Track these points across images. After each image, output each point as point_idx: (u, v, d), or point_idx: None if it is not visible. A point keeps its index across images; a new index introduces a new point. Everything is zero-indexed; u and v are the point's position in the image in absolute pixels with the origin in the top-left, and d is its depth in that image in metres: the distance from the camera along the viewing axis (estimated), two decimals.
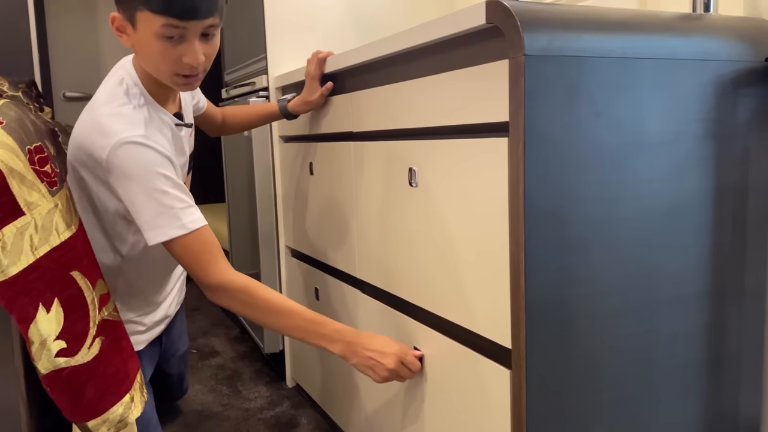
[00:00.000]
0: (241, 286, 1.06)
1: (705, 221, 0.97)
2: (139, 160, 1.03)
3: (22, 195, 0.95)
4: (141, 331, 1.26)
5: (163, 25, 1.00)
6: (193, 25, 1.02)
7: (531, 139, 0.83)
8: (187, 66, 1.05)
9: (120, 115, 1.06)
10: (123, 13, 1.04)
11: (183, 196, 1.06)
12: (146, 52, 1.05)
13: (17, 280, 0.93)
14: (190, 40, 1.03)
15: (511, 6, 0.83)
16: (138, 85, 1.13)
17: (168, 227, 1.03)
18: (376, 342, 1.07)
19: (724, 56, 0.96)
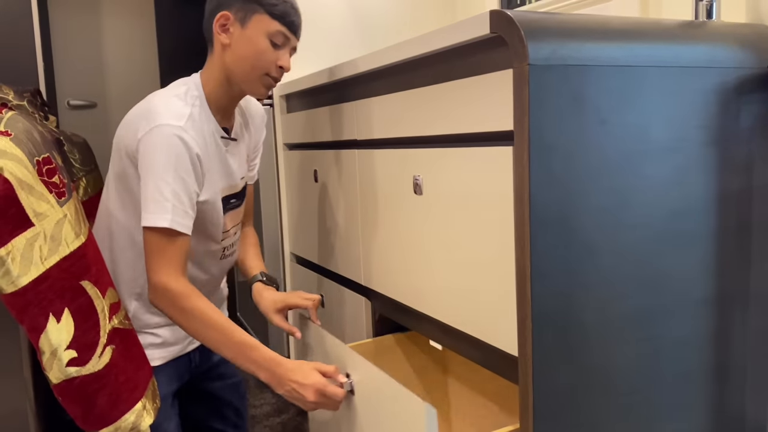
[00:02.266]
0: (180, 292, 1.07)
1: (710, 227, 0.97)
2: (163, 149, 1.08)
3: (31, 206, 0.96)
4: (157, 344, 1.24)
5: (277, 30, 1.17)
6: (293, 39, 1.21)
7: (536, 148, 0.83)
8: (278, 69, 1.20)
9: (169, 105, 1.13)
10: (237, 13, 1.17)
11: (183, 195, 1.09)
12: (248, 49, 1.17)
13: (27, 291, 0.94)
14: (286, 51, 1.20)
15: (514, 16, 0.84)
16: (199, 91, 1.20)
17: (154, 215, 1.07)
18: (297, 373, 1.04)
19: (728, 63, 0.96)
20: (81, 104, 3.51)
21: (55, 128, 2.95)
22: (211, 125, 1.20)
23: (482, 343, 1.00)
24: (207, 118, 1.19)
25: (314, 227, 1.66)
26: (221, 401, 1.42)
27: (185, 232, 1.09)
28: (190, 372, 1.33)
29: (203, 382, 1.39)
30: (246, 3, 1.16)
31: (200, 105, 1.18)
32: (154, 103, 1.13)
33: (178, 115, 1.11)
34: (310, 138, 1.63)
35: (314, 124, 1.59)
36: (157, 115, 1.10)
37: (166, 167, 1.07)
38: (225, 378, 1.42)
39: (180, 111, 1.12)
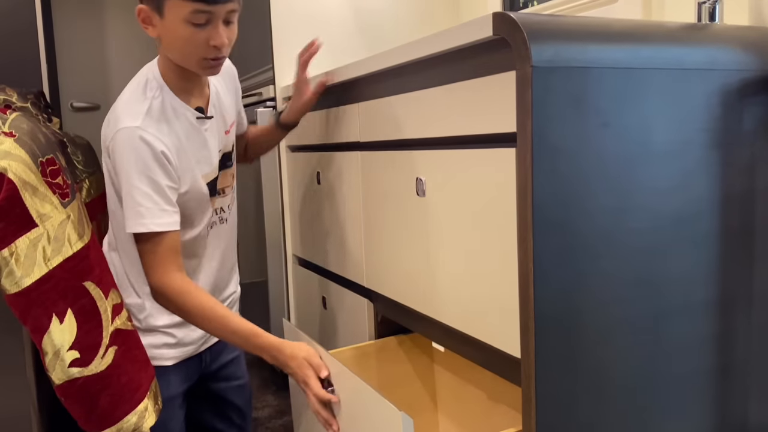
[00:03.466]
0: (177, 290, 1.11)
1: (713, 229, 0.97)
2: (127, 152, 1.10)
3: (35, 207, 0.97)
4: (171, 344, 1.25)
5: (192, 11, 1.06)
6: (218, 8, 1.08)
7: (538, 150, 0.83)
8: (213, 49, 1.11)
9: (128, 106, 1.13)
10: (150, 3, 1.10)
11: (156, 196, 1.11)
12: (174, 39, 1.11)
13: (31, 291, 0.94)
14: (215, 24, 1.10)
15: (517, 18, 0.84)
16: (157, 80, 1.18)
17: (132, 221, 1.10)
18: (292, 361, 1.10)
19: (730, 65, 0.96)
20: (84, 106, 3.52)
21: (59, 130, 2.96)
22: (181, 110, 1.19)
23: (484, 344, 1.00)
24: (173, 105, 1.18)
25: (317, 229, 1.66)
26: (226, 402, 1.42)
27: (166, 230, 1.11)
28: (199, 372, 1.34)
29: (210, 381, 1.39)
30: None
31: (162, 94, 1.17)
32: (117, 103, 1.15)
33: (135, 114, 1.12)
34: (313, 140, 1.63)
35: (317, 126, 1.60)
36: (117, 118, 1.12)
37: (133, 171, 1.09)
38: (232, 379, 1.42)
39: (137, 109, 1.13)
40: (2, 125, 1.00)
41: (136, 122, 1.11)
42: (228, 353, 1.41)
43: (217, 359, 1.37)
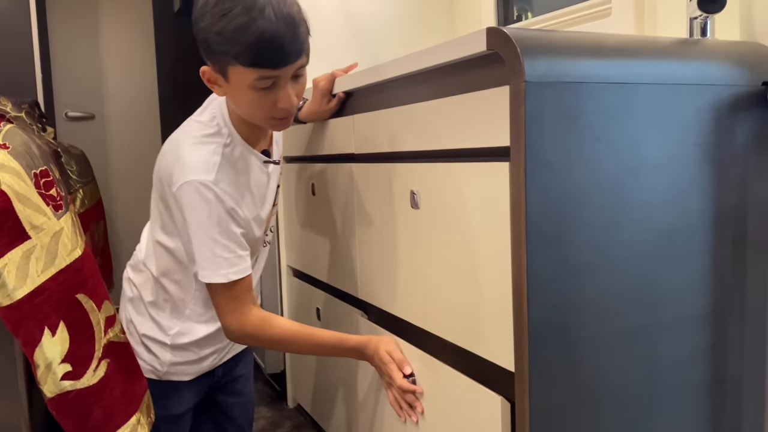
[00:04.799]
0: (254, 327, 1.15)
1: (705, 242, 0.98)
2: (201, 205, 1.08)
3: (28, 219, 0.96)
4: (193, 360, 1.25)
5: (257, 78, 1.03)
6: (284, 71, 1.04)
7: (532, 164, 0.84)
8: (282, 110, 1.09)
9: (200, 154, 1.10)
10: (213, 66, 1.07)
11: (232, 245, 1.11)
12: (240, 101, 1.09)
13: (23, 304, 0.94)
14: (283, 86, 1.06)
15: (511, 33, 0.85)
16: (228, 126, 1.16)
17: (210, 272, 1.11)
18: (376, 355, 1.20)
19: (722, 81, 0.97)
20: (79, 116, 3.52)
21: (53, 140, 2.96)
22: (250, 157, 1.19)
23: (478, 357, 1.00)
24: (243, 153, 1.17)
25: (311, 240, 1.66)
26: (227, 417, 1.42)
27: (244, 276, 1.13)
28: (210, 386, 1.34)
29: (217, 393, 1.39)
30: (217, 56, 1.04)
31: (233, 141, 1.16)
32: (186, 150, 1.11)
33: (209, 167, 1.09)
34: (308, 151, 1.63)
35: (311, 138, 1.60)
36: (189, 167, 1.09)
37: (208, 224, 1.09)
38: (239, 395, 1.43)
39: (210, 161, 1.10)
40: None
41: (209, 176, 1.09)
42: (240, 368, 1.41)
43: (229, 373, 1.38)
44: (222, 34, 1.00)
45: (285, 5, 1.02)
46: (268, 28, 0.99)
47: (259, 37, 0.99)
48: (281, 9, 1.01)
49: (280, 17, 1.00)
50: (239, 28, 0.99)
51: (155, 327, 1.22)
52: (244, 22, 0.98)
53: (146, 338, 1.22)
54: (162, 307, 1.23)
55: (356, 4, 1.97)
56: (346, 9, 1.95)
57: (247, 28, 0.99)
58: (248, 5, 0.99)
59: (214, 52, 1.03)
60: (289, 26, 1.01)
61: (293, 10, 1.04)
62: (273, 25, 0.99)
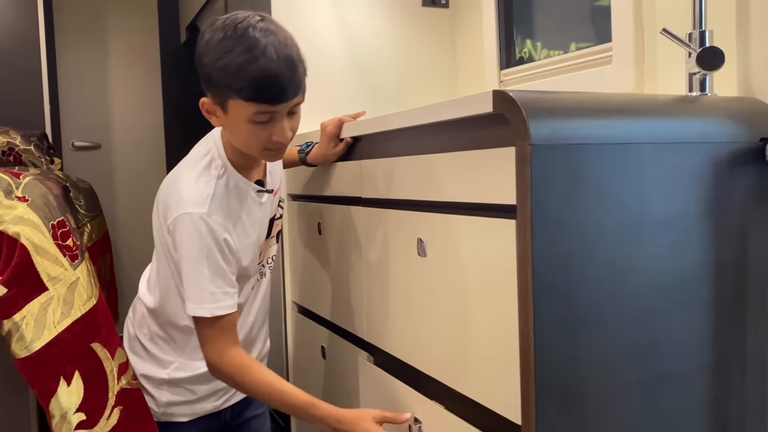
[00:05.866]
0: (235, 366, 1.15)
1: (707, 295, 1.00)
2: (193, 238, 1.12)
3: (46, 270, 0.99)
4: (190, 401, 1.27)
5: (255, 112, 1.08)
6: (282, 107, 1.10)
7: (538, 223, 0.86)
8: (276, 142, 1.13)
9: (195, 187, 1.15)
10: (213, 98, 1.12)
11: (219, 281, 1.14)
12: (237, 132, 1.14)
13: (40, 355, 0.96)
14: (279, 120, 1.11)
15: (516, 97, 0.88)
16: (222, 157, 1.20)
17: (196, 305, 1.13)
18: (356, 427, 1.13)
19: (721, 138, 1.00)
20: (85, 145, 3.56)
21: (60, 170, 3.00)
22: (243, 187, 1.22)
23: (484, 408, 1.01)
24: (237, 183, 1.21)
25: (317, 278, 1.68)
26: None
27: (229, 312, 1.14)
28: (218, 429, 1.36)
29: None
30: (218, 89, 1.09)
31: (226, 173, 1.20)
32: (181, 183, 1.16)
33: (202, 199, 1.14)
34: (315, 191, 1.66)
35: (318, 178, 1.63)
36: (183, 201, 1.13)
37: (198, 257, 1.12)
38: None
39: (203, 193, 1.14)
40: (16, 190, 1.03)
41: (202, 209, 1.13)
42: (253, 410, 1.42)
43: (239, 416, 1.39)
44: (225, 69, 1.05)
45: (286, 46, 1.08)
46: (270, 67, 1.05)
47: (260, 74, 1.05)
48: (282, 49, 1.07)
49: (281, 57, 1.06)
50: (242, 64, 1.04)
51: (154, 364, 1.25)
52: (247, 59, 1.04)
53: (144, 378, 1.24)
54: (163, 341, 1.26)
55: (360, 45, 2.01)
56: (351, 50, 2.00)
57: (249, 65, 1.04)
58: (251, 44, 1.05)
59: (216, 85, 1.08)
60: (288, 66, 1.07)
61: (293, 51, 1.10)
62: (274, 64, 1.05)
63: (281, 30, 1.10)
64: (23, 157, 2.59)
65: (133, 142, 3.69)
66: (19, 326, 0.94)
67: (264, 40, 1.05)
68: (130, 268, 3.59)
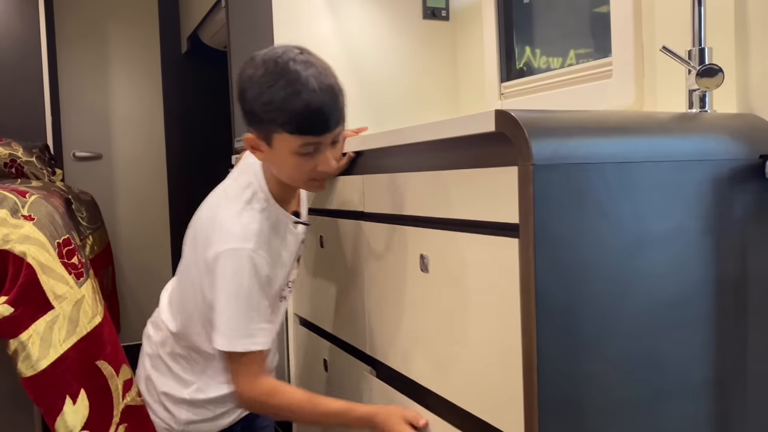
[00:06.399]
0: (264, 394, 1.16)
1: (708, 311, 1.01)
2: (237, 274, 1.12)
3: (52, 289, 1.00)
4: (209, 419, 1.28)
5: (301, 144, 1.10)
6: (326, 137, 1.12)
7: (540, 241, 0.87)
8: (321, 172, 1.16)
9: (239, 221, 1.15)
10: (258, 133, 1.14)
11: (257, 317, 1.15)
12: (282, 165, 1.16)
13: (46, 374, 0.97)
14: (323, 151, 1.14)
15: (518, 117, 0.89)
16: (264, 191, 1.21)
17: (229, 341, 1.13)
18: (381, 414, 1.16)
19: (721, 155, 1.01)
20: (86, 155, 3.57)
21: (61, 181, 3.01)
22: (283, 219, 1.24)
23: (487, 424, 1.02)
24: (278, 216, 1.23)
25: (319, 291, 1.69)
26: None
27: (262, 348, 1.16)
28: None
29: None
30: (264, 124, 1.11)
31: (268, 206, 1.21)
32: (224, 216, 1.16)
33: (248, 234, 1.14)
34: (317, 204, 1.67)
35: (321, 192, 1.63)
36: (228, 235, 1.14)
37: (238, 293, 1.12)
38: None
39: (248, 228, 1.15)
40: (22, 208, 1.04)
41: (248, 244, 1.13)
42: (261, 420, 1.44)
43: (248, 428, 1.40)
44: (269, 104, 1.07)
45: (326, 77, 1.10)
46: (313, 99, 1.07)
47: (305, 107, 1.07)
48: (323, 80, 1.09)
49: (323, 88, 1.08)
50: (286, 98, 1.06)
51: (175, 383, 1.25)
52: (290, 93, 1.06)
53: (164, 396, 1.24)
54: (186, 361, 1.26)
55: (362, 58, 2.02)
56: (353, 63, 2.01)
57: (293, 98, 1.06)
58: (293, 78, 1.06)
59: (261, 121, 1.10)
60: (331, 96, 1.10)
61: (333, 81, 1.12)
62: (317, 96, 1.07)
63: (320, 61, 1.12)
64: (25, 168, 2.60)
65: (134, 152, 3.70)
66: (25, 345, 0.95)
67: (305, 73, 1.07)
68: (130, 278, 3.59)
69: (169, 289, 1.33)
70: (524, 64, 1.92)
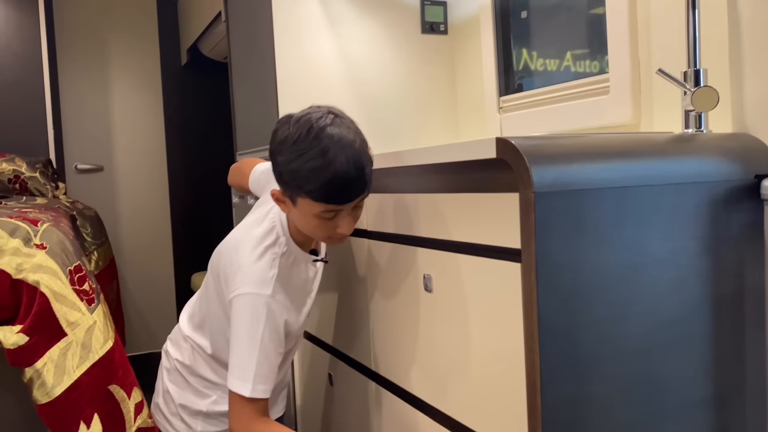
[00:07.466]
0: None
1: (706, 329, 1.03)
2: (252, 319, 1.17)
3: (65, 316, 1.02)
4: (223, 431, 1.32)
5: (323, 210, 1.14)
6: (348, 206, 1.16)
7: (542, 267, 0.89)
8: (340, 234, 1.20)
9: (260, 266, 1.20)
10: (285, 192, 1.18)
11: (267, 366, 1.18)
12: (304, 223, 1.20)
13: (60, 400, 0.99)
14: (345, 216, 1.17)
15: (518, 145, 0.91)
16: (286, 235, 1.26)
17: (239, 382, 1.17)
18: None
19: (717, 176, 1.03)
20: (88, 168, 3.59)
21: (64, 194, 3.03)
22: (301, 259, 1.29)
23: None
24: (296, 257, 1.28)
25: (324, 306, 1.71)
26: None
27: (264, 397, 1.18)
28: None
29: None
30: (290, 187, 1.15)
31: (288, 249, 1.26)
32: (244, 257, 1.21)
33: (266, 280, 1.19)
34: None
35: None
36: (247, 279, 1.18)
37: (252, 338, 1.16)
38: None
39: (267, 274, 1.20)
40: (34, 237, 1.06)
41: (266, 290, 1.18)
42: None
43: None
44: (297, 172, 1.10)
45: (355, 149, 1.12)
46: (339, 172, 1.09)
47: (330, 180, 1.09)
48: (352, 154, 1.11)
49: (351, 161, 1.10)
50: (314, 170, 1.09)
51: (193, 395, 1.30)
52: (319, 165, 1.09)
53: (182, 408, 1.29)
54: (206, 375, 1.31)
55: (362, 73, 2.04)
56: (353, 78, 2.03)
57: (321, 171, 1.09)
58: (323, 148, 1.09)
59: (288, 184, 1.14)
60: (358, 169, 1.12)
61: (363, 152, 1.14)
62: (344, 168, 1.10)
63: (351, 128, 1.14)
64: (29, 184, 2.62)
65: (135, 163, 3.72)
66: (40, 373, 0.97)
67: (335, 147, 1.09)
68: (133, 288, 3.61)
69: (192, 310, 1.37)
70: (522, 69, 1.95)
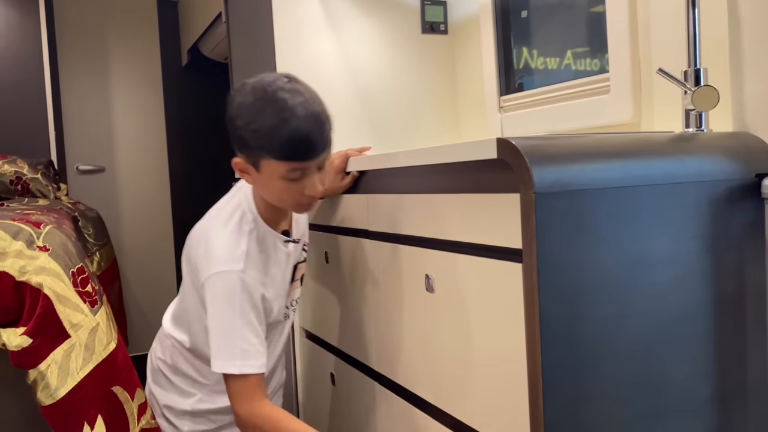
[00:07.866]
0: (267, 417, 1.16)
1: (707, 328, 1.03)
2: (227, 296, 1.15)
3: (68, 318, 1.02)
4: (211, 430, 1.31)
5: (288, 170, 1.13)
6: (312, 163, 1.15)
7: (544, 267, 0.90)
8: (308, 196, 1.18)
9: (228, 244, 1.19)
10: (246, 158, 1.16)
11: (252, 338, 1.17)
12: (270, 189, 1.18)
13: (64, 402, 0.99)
14: (310, 175, 1.16)
15: (519, 145, 0.91)
16: (252, 212, 1.24)
17: (224, 362, 1.15)
18: None
19: (717, 176, 1.04)
20: (90, 169, 3.60)
21: (66, 195, 3.03)
22: (271, 239, 1.27)
23: None
24: (266, 235, 1.25)
25: (326, 306, 1.71)
26: None
27: (255, 371, 1.17)
28: None
29: None
30: (251, 150, 1.13)
31: (256, 227, 1.24)
32: (213, 240, 1.19)
33: (236, 257, 1.17)
34: (322, 221, 1.70)
35: (325, 208, 1.66)
36: (217, 259, 1.17)
37: (230, 314, 1.15)
38: None
39: (237, 251, 1.18)
40: (37, 240, 1.06)
41: (238, 266, 1.16)
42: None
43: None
44: (258, 132, 1.10)
45: (313, 104, 1.13)
46: (300, 127, 1.10)
47: (292, 135, 1.09)
48: (310, 108, 1.12)
49: (310, 116, 1.11)
50: (274, 126, 1.09)
51: (177, 395, 1.28)
52: (278, 121, 1.09)
53: (167, 408, 1.28)
54: (188, 374, 1.30)
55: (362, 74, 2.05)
56: (353, 79, 2.03)
57: (281, 126, 1.09)
58: (281, 106, 1.09)
59: (249, 147, 1.13)
60: (317, 124, 1.13)
61: (320, 108, 1.15)
62: (304, 123, 1.10)
63: (308, 89, 1.15)
64: (31, 186, 2.62)
65: (136, 164, 3.73)
66: (44, 375, 0.97)
67: (292, 101, 1.10)
68: (135, 289, 3.62)
69: (173, 308, 1.36)
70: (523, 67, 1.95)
